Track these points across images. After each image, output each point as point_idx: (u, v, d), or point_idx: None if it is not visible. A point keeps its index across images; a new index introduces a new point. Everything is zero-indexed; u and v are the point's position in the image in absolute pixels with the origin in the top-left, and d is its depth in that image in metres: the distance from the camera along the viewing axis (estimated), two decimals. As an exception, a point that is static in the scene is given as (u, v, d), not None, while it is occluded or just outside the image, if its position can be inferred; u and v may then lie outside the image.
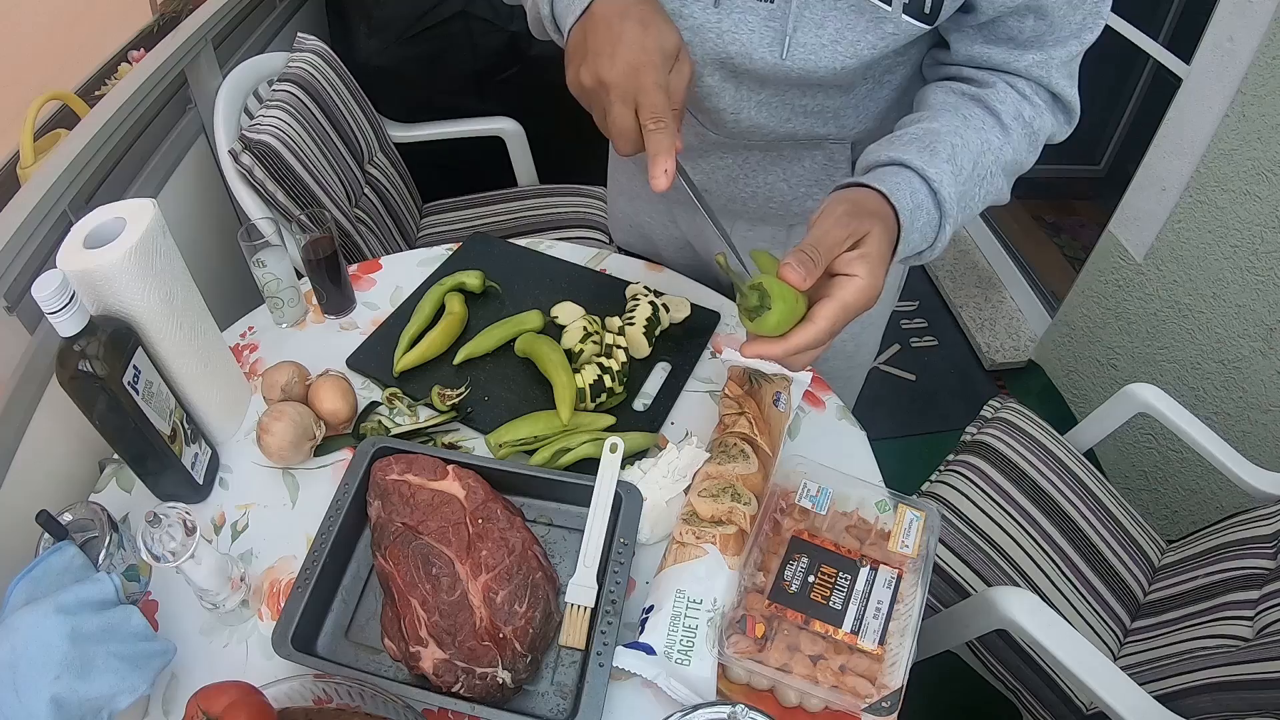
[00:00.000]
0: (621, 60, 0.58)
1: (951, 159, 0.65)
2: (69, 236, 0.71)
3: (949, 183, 0.64)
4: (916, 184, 0.63)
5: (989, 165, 0.68)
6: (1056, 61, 0.69)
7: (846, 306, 0.57)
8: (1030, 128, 0.71)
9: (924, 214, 0.63)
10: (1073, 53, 0.69)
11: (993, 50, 0.70)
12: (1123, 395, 1.27)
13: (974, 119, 0.69)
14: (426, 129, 1.82)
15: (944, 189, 0.63)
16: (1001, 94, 0.70)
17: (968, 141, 0.67)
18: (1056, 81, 0.70)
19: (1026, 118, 0.71)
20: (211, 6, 1.37)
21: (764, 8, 0.70)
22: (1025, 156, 0.72)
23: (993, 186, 0.70)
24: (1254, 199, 1.44)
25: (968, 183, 0.66)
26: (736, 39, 0.71)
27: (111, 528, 0.72)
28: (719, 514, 0.75)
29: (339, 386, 0.87)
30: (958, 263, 2.49)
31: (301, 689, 0.64)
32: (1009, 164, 0.71)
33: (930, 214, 0.64)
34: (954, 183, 0.64)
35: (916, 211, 0.62)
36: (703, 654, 0.66)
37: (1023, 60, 0.69)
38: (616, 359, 0.88)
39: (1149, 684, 0.95)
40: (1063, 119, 0.74)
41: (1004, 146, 0.69)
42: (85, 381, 0.67)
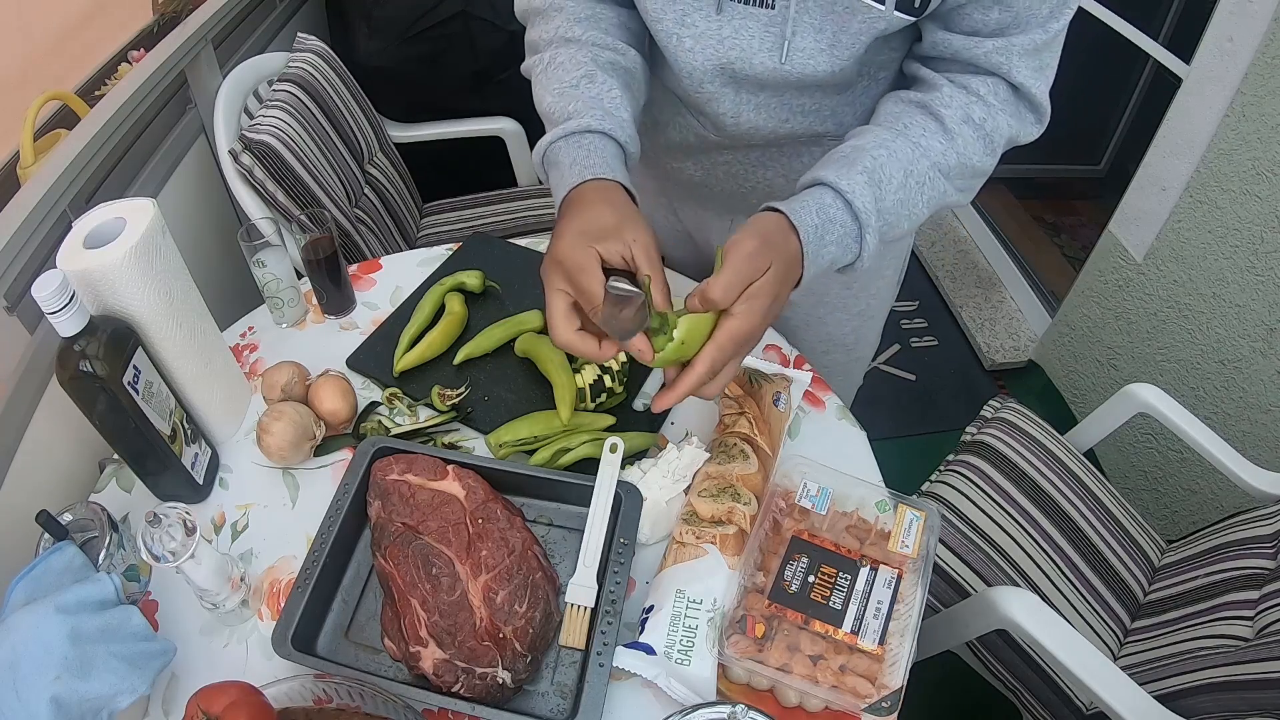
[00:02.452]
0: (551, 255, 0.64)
1: (871, 170, 0.66)
2: (69, 236, 0.71)
3: (864, 194, 0.65)
4: (829, 199, 0.65)
5: (924, 172, 0.69)
6: (1018, 49, 0.67)
7: (721, 347, 0.60)
8: (982, 129, 0.70)
9: (837, 227, 0.65)
10: (1036, 41, 0.66)
11: (953, 37, 0.69)
12: (1123, 395, 1.27)
13: (913, 127, 0.70)
14: (426, 129, 1.82)
15: (858, 199, 0.65)
16: (947, 97, 0.70)
17: (896, 151, 0.68)
18: (1016, 72, 0.68)
19: (976, 119, 0.69)
20: (211, 6, 1.37)
21: (764, 14, 0.70)
22: (979, 159, 0.71)
23: (934, 191, 0.70)
24: (1254, 199, 1.44)
25: (899, 190, 0.68)
26: (737, 44, 0.72)
27: (111, 528, 0.72)
28: (719, 514, 0.75)
29: (339, 386, 0.87)
30: (958, 263, 2.49)
31: (301, 689, 0.64)
32: (955, 167, 0.70)
33: (846, 226, 0.66)
34: (872, 193, 0.66)
35: (827, 226, 0.65)
36: (703, 654, 0.66)
37: (982, 47, 0.67)
38: (616, 359, 0.88)
39: (1149, 684, 0.95)
40: (1030, 117, 0.72)
41: (947, 151, 0.69)
42: (85, 381, 0.67)
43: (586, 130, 0.70)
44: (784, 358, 0.98)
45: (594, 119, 0.70)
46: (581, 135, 0.70)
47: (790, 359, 0.98)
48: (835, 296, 1.01)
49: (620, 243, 0.62)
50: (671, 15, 0.73)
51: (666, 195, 1.04)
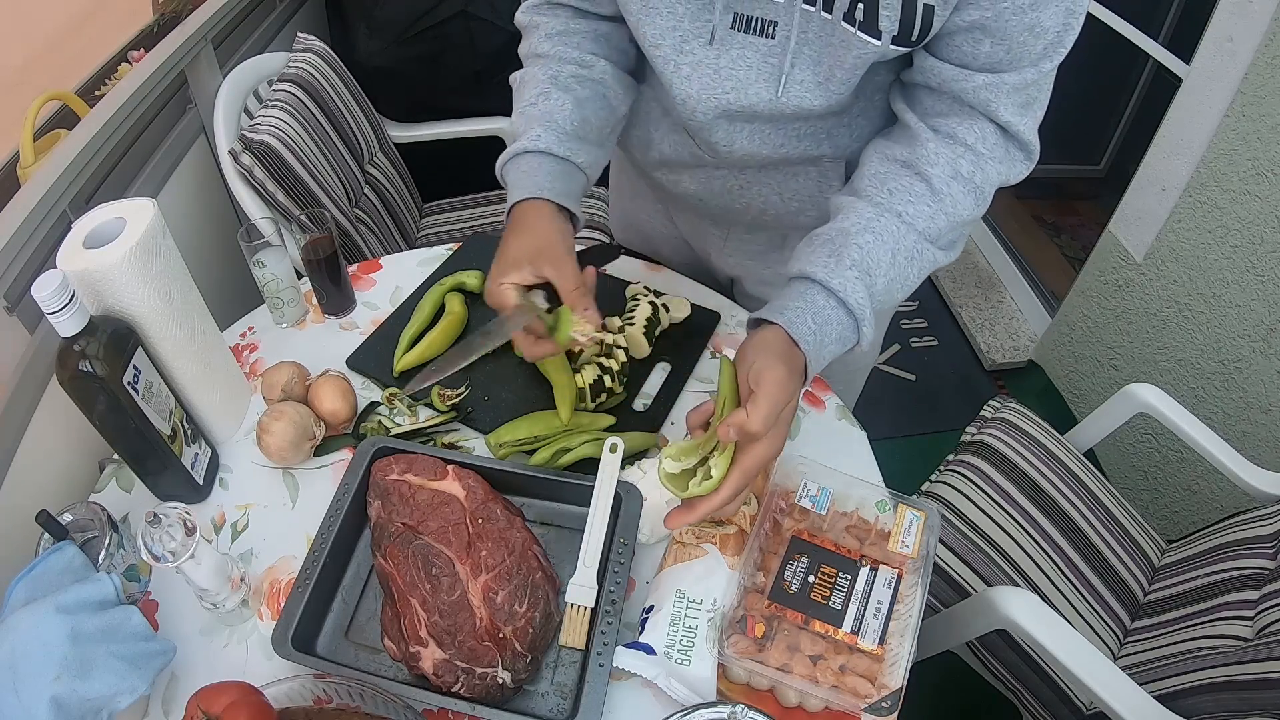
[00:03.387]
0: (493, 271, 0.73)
1: (859, 262, 0.68)
2: (69, 236, 0.71)
3: (856, 289, 0.67)
4: (821, 301, 0.68)
5: (912, 246, 0.69)
6: (1008, 87, 0.65)
7: (746, 472, 0.64)
8: (971, 182, 0.69)
9: (834, 326, 0.68)
10: (1027, 80, 0.65)
11: (943, 66, 0.67)
12: (1123, 395, 1.27)
13: (898, 194, 0.69)
14: (426, 129, 1.82)
15: (851, 297, 0.67)
16: (934, 154, 0.69)
17: (882, 232, 0.68)
18: (1004, 111, 0.67)
19: (965, 173, 0.69)
20: (211, 6, 1.37)
21: (763, 43, 0.70)
22: (970, 212, 0.71)
23: (924, 261, 0.70)
24: (1254, 199, 1.44)
25: (889, 270, 0.68)
26: (733, 74, 0.72)
27: (111, 528, 0.72)
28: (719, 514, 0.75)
29: (339, 386, 0.87)
30: (958, 263, 2.49)
31: (301, 689, 0.64)
32: (944, 229, 0.70)
33: (843, 324, 0.68)
34: (863, 285, 0.68)
35: (825, 328, 0.68)
36: (703, 654, 0.66)
37: (972, 81, 0.66)
38: (616, 359, 0.88)
39: (1149, 684, 0.95)
40: (1019, 157, 0.70)
41: (935, 215, 0.69)
42: (85, 381, 0.67)
43: (525, 152, 0.77)
44: (784, 358, 0.98)
45: (531, 140, 0.76)
46: (521, 157, 0.77)
47: (790, 359, 0.98)
48: None
49: (534, 269, 0.71)
50: (670, 42, 0.73)
51: (663, 203, 1.04)
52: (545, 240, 0.72)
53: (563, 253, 0.71)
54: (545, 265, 0.71)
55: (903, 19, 0.63)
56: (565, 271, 0.70)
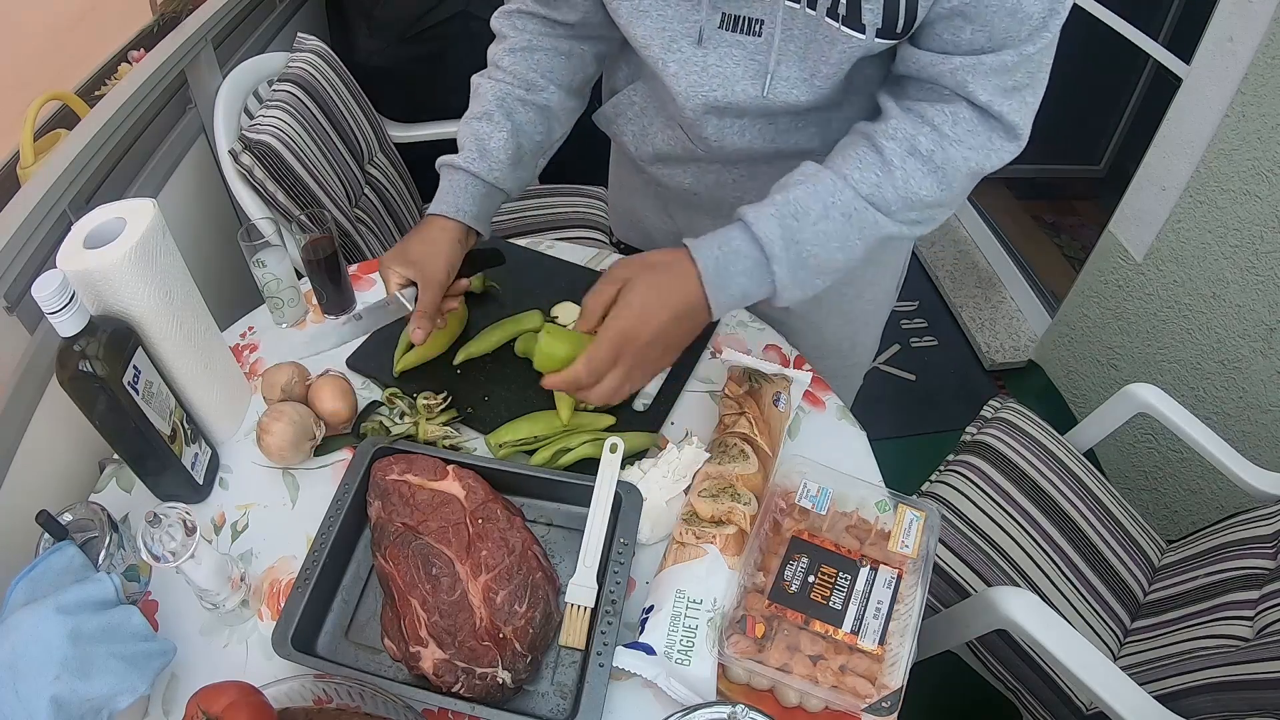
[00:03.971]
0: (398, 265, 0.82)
1: (783, 204, 0.68)
2: (69, 236, 0.71)
3: (768, 225, 0.68)
4: (736, 232, 0.69)
5: (849, 203, 0.68)
6: (985, 68, 0.64)
7: (598, 343, 0.69)
8: (930, 161, 0.68)
9: (743, 259, 0.69)
10: (1008, 62, 0.63)
11: (921, 53, 0.67)
12: (1123, 395, 1.27)
13: (849, 160, 0.69)
14: (426, 129, 1.82)
15: (763, 230, 0.68)
16: (894, 128, 0.69)
17: (818, 186, 0.68)
18: (979, 91, 0.65)
19: (923, 150, 0.68)
20: (211, 6, 1.36)
21: (750, 42, 0.71)
22: (929, 192, 0.69)
23: (865, 222, 0.69)
24: (1254, 199, 1.44)
25: (819, 223, 0.68)
26: (720, 72, 0.73)
27: (111, 528, 0.72)
28: (719, 514, 0.75)
29: (339, 386, 0.87)
30: (958, 263, 2.49)
31: (301, 689, 0.64)
32: (895, 200, 0.69)
33: (752, 255, 0.69)
34: (780, 226, 0.68)
35: (731, 257, 0.69)
36: (703, 654, 0.66)
37: (948, 64, 0.65)
38: (616, 359, 0.88)
39: (1149, 684, 0.95)
40: (1000, 140, 0.68)
41: (882, 183, 0.68)
42: (85, 381, 0.67)
43: (457, 167, 0.84)
44: (784, 358, 0.98)
45: (466, 159, 0.84)
46: (455, 170, 0.84)
47: (790, 359, 0.98)
48: (829, 301, 1.01)
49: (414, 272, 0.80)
50: (659, 42, 0.73)
51: (660, 198, 1.04)
52: (430, 262, 0.80)
53: (436, 277, 0.80)
54: (420, 278, 0.80)
55: (885, 12, 0.63)
56: (428, 292, 0.80)
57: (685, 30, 0.72)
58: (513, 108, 0.85)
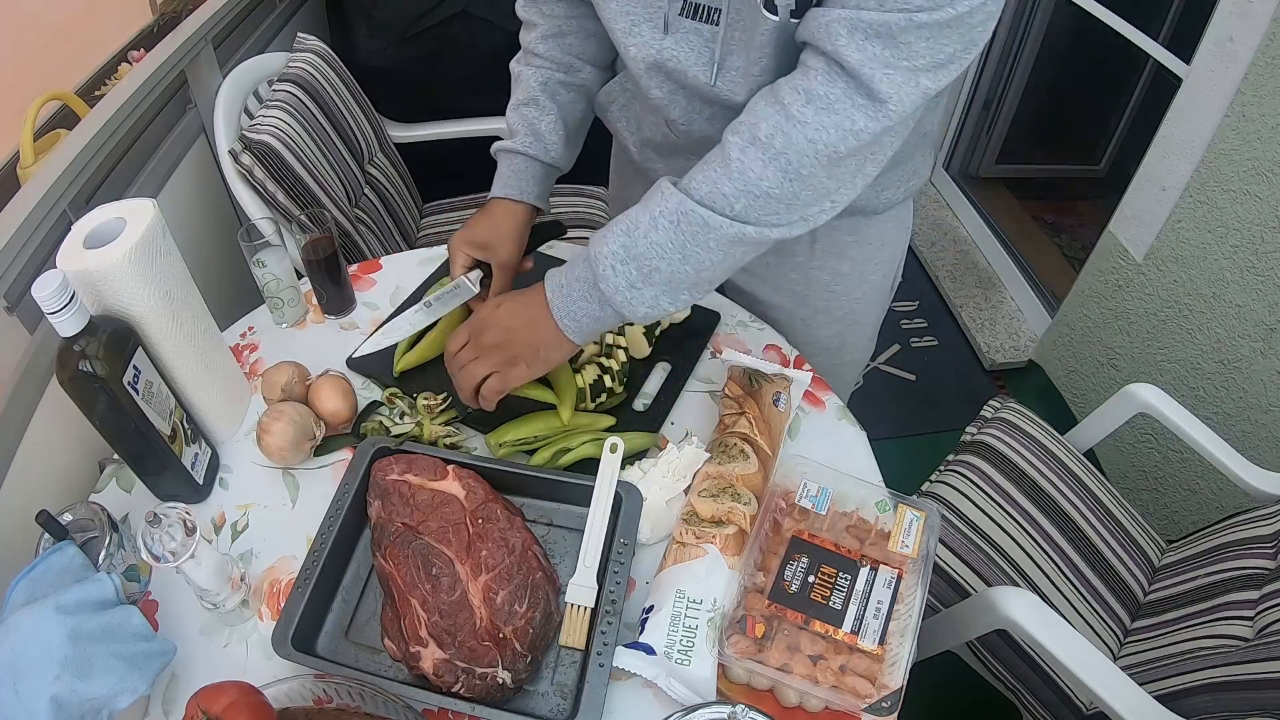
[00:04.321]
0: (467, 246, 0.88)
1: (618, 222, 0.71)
2: (69, 236, 0.71)
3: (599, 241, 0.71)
4: (580, 257, 0.73)
5: (674, 209, 0.67)
6: (863, 26, 0.57)
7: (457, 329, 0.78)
8: (769, 148, 0.63)
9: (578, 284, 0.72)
10: (892, 24, 0.56)
11: (813, 10, 0.61)
12: (1123, 395, 1.27)
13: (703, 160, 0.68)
14: (426, 129, 1.82)
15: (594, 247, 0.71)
16: (740, 120, 0.66)
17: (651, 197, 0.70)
18: (851, 51, 0.58)
19: (763, 137, 0.63)
20: (211, 6, 1.36)
21: (707, 29, 0.71)
22: (773, 184, 0.64)
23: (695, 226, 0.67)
24: (1254, 199, 1.44)
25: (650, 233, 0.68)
26: (675, 57, 0.74)
27: (111, 528, 0.72)
28: (719, 514, 0.75)
29: (339, 386, 0.87)
30: (958, 263, 2.49)
31: (301, 689, 0.64)
32: (737, 197, 0.65)
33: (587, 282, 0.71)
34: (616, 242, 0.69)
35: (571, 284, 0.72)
36: (703, 654, 0.66)
37: (827, 16, 0.59)
38: (616, 359, 0.88)
39: (1149, 684, 0.95)
40: (863, 115, 0.61)
41: (720, 180, 0.66)
42: (85, 381, 0.67)
43: (515, 151, 0.88)
44: (784, 358, 0.98)
45: (523, 143, 0.88)
46: (511, 155, 0.89)
47: (790, 359, 0.98)
48: (816, 299, 1.01)
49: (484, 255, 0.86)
50: (621, 26, 0.75)
51: None
52: (501, 244, 0.85)
53: (508, 261, 0.86)
54: (492, 259, 0.85)
55: None
56: (501, 273, 0.85)
57: (648, 15, 0.73)
58: (555, 90, 0.89)
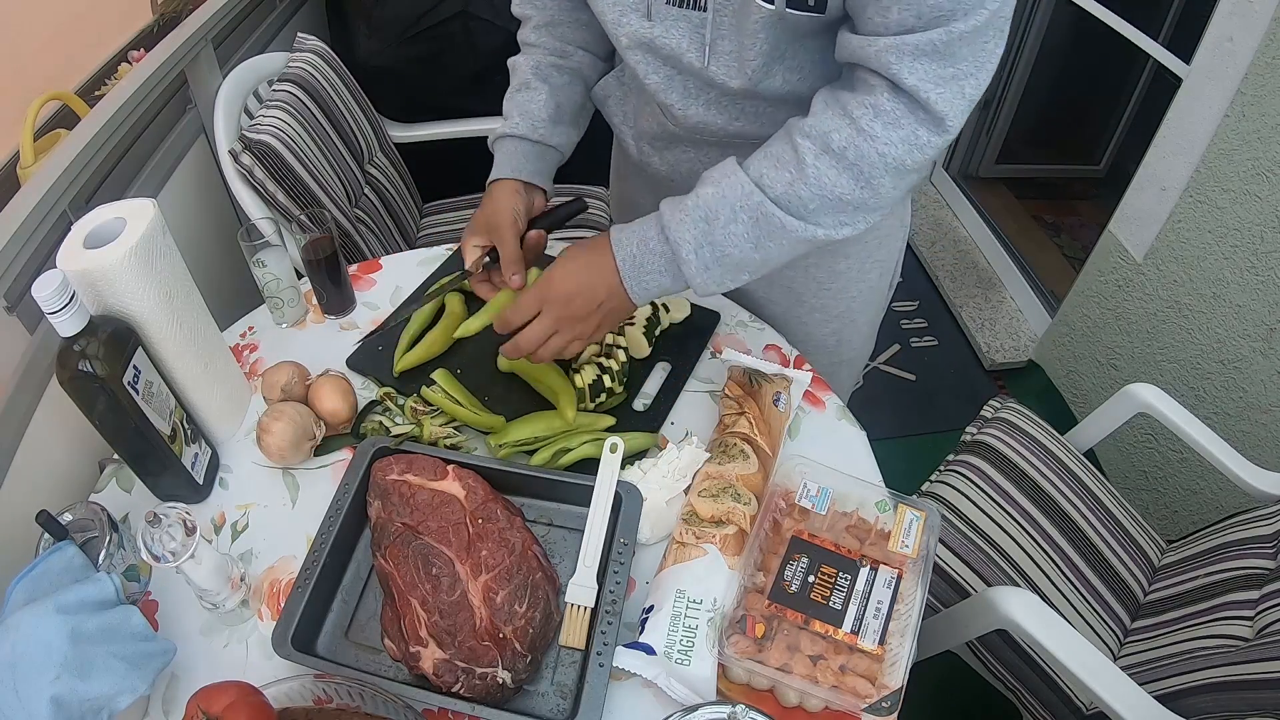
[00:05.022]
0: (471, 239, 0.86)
1: (696, 208, 0.71)
2: (69, 236, 0.71)
3: (682, 226, 0.71)
4: (653, 231, 0.73)
5: (756, 207, 0.69)
6: (910, 48, 0.60)
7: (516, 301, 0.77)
8: (843, 158, 0.66)
9: (657, 258, 0.73)
10: (936, 41, 0.59)
11: (852, 39, 0.64)
12: (1123, 395, 1.27)
13: (768, 159, 0.69)
14: (426, 129, 1.82)
15: (674, 231, 0.71)
16: (811, 125, 0.67)
17: (727, 187, 0.70)
18: (905, 73, 0.61)
19: (836, 148, 0.65)
20: (211, 6, 1.36)
21: (695, 16, 0.72)
22: (847, 191, 0.67)
23: (772, 226, 0.69)
24: (1254, 199, 1.44)
25: (728, 226, 0.69)
26: (666, 42, 0.75)
27: (111, 528, 0.72)
28: (719, 514, 0.75)
29: (339, 386, 0.87)
30: (958, 263, 2.49)
31: (301, 689, 0.64)
32: (811, 200, 0.67)
33: (664, 253, 0.72)
34: (691, 225, 0.70)
35: (646, 256, 0.73)
36: (703, 654, 0.66)
37: (874, 46, 0.62)
38: (616, 359, 0.88)
39: (1149, 684, 0.95)
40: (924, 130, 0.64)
41: (795, 183, 0.67)
42: (85, 381, 0.67)
43: (507, 135, 0.88)
44: (784, 358, 0.98)
45: (510, 126, 0.88)
46: (504, 140, 0.89)
47: (790, 359, 0.98)
48: (812, 297, 1.01)
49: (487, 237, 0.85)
50: (611, 16, 0.76)
51: (651, 185, 1.05)
52: (498, 216, 0.84)
53: (507, 226, 0.83)
54: (493, 234, 0.84)
55: None
56: (506, 244, 0.83)
57: (634, 4, 0.74)
58: (547, 73, 0.89)
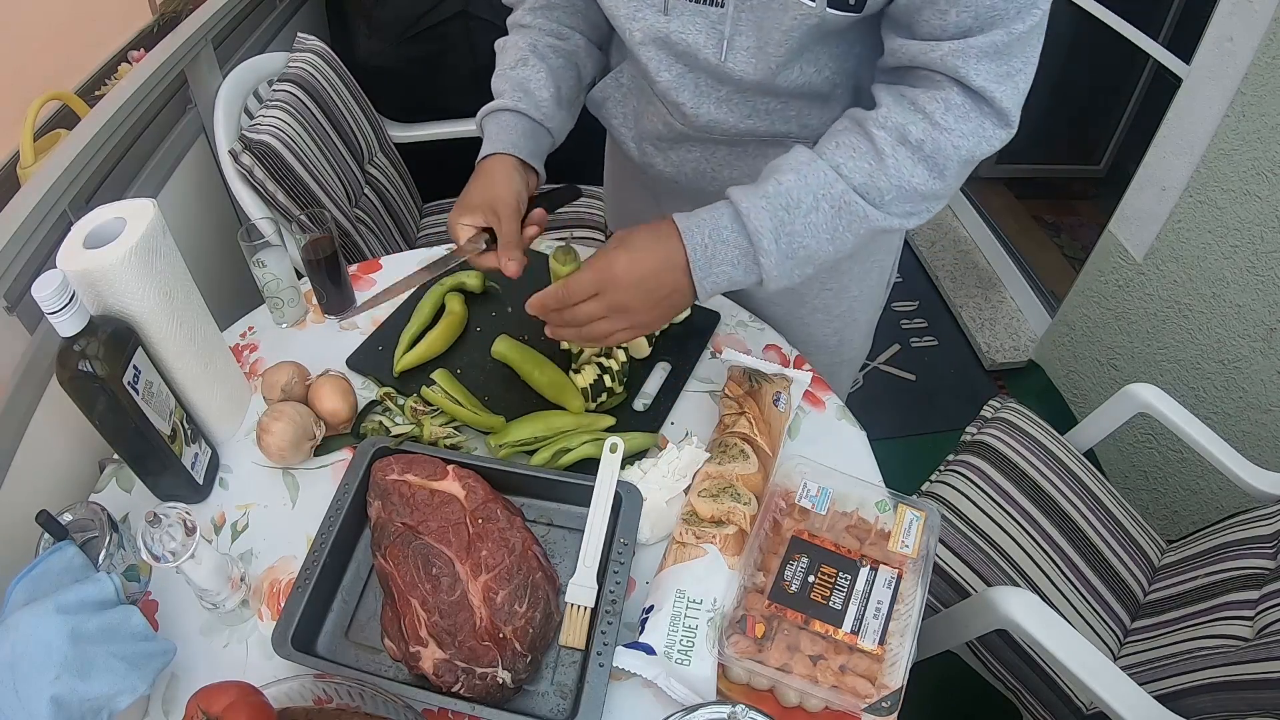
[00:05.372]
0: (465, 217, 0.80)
1: (775, 195, 0.68)
2: (69, 236, 0.71)
3: (761, 216, 0.67)
4: (726, 221, 0.69)
5: (839, 196, 0.68)
6: (975, 50, 0.63)
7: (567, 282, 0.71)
8: (920, 150, 0.67)
9: (730, 249, 0.69)
10: (997, 42, 0.62)
11: (911, 43, 0.66)
12: (1123, 395, 1.27)
13: (841, 149, 0.69)
14: (426, 129, 1.82)
15: (753, 221, 0.68)
16: (884, 116, 0.68)
17: (809, 175, 0.68)
18: (973, 75, 0.64)
19: (914, 140, 0.67)
20: (211, 6, 1.36)
21: (713, 11, 0.72)
22: (922, 182, 0.68)
23: (853, 216, 0.69)
24: (1254, 199, 1.44)
25: (810, 214, 0.68)
26: (683, 38, 0.74)
27: (111, 528, 0.72)
28: (719, 514, 0.75)
29: (339, 386, 0.87)
30: (958, 263, 2.49)
31: (301, 689, 0.64)
32: (888, 190, 0.68)
33: (740, 245, 0.69)
34: (769, 215, 0.67)
35: (718, 247, 0.69)
36: (703, 654, 0.66)
37: (938, 50, 0.64)
38: (616, 359, 0.88)
39: (1149, 684, 0.95)
40: (992, 125, 0.67)
41: (874, 173, 0.68)
42: (85, 381, 0.67)
43: (504, 109, 0.83)
44: (784, 358, 0.98)
45: (511, 99, 0.83)
46: (500, 113, 0.84)
47: (790, 359, 0.98)
48: (815, 297, 1.01)
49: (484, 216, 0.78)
50: (624, 11, 0.75)
51: (650, 187, 1.05)
52: (496, 192, 0.79)
53: (509, 205, 0.78)
54: (492, 214, 0.78)
55: None
56: (506, 222, 0.78)
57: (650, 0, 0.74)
58: (544, 53, 0.86)
